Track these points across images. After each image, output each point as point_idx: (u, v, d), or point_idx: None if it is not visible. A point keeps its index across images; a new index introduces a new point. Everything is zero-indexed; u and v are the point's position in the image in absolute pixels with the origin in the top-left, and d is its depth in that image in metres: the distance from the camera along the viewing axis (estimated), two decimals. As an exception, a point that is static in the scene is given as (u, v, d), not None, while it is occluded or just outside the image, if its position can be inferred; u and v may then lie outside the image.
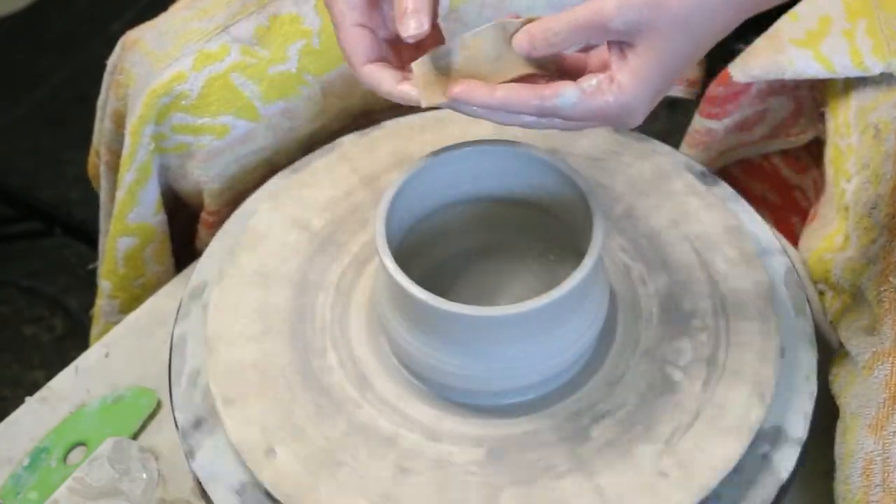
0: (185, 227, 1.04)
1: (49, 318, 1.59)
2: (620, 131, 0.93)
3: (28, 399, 0.91)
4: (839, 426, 0.80)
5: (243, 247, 0.88)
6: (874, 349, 0.79)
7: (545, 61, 0.71)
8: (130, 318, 0.96)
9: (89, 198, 1.15)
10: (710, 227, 0.88)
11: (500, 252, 0.88)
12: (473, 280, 0.87)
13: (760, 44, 0.96)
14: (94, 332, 1.08)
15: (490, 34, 0.70)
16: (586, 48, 0.72)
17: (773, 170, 1.12)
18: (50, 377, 0.93)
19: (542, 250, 0.87)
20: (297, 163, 0.94)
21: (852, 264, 0.87)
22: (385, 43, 0.74)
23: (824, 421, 0.82)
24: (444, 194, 0.83)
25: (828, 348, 0.88)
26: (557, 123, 0.70)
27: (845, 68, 0.92)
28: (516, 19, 0.71)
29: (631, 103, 0.68)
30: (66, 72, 1.85)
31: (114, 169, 1.02)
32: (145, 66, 0.94)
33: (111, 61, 0.99)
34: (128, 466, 0.85)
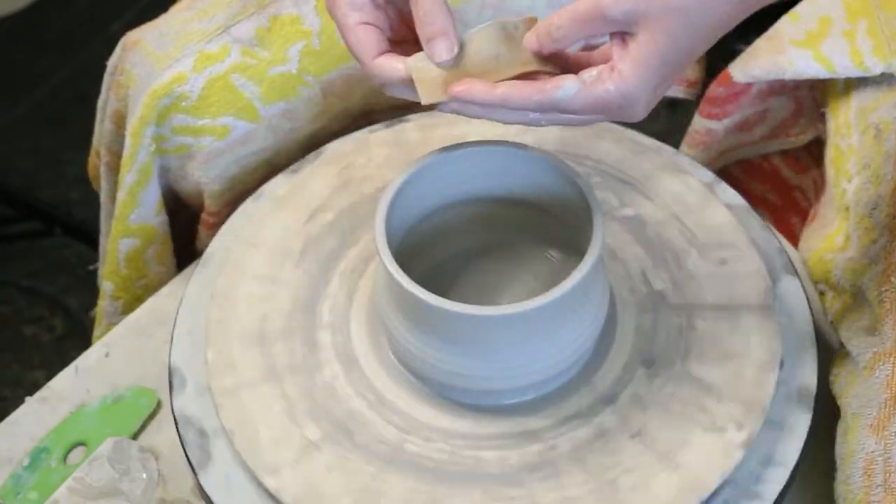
0: (186, 228, 1.04)
1: (49, 318, 1.59)
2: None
3: (28, 399, 0.91)
4: (840, 426, 0.80)
5: (243, 247, 0.88)
6: (875, 349, 0.79)
7: (549, 61, 0.71)
8: (131, 318, 0.96)
9: (89, 198, 1.15)
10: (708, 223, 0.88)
11: (500, 252, 0.88)
12: (473, 280, 0.87)
13: (761, 44, 0.96)
14: (96, 333, 1.07)
15: (489, 33, 0.70)
16: (587, 47, 0.72)
17: (773, 170, 1.12)
18: (50, 377, 0.92)
19: (543, 250, 0.87)
20: (295, 164, 0.94)
21: (853, 265, 0.87)
22: (390, 43, 0.74)
23: (824, 421, 0.82)
24: (444, 194, 0.83)
25: (828, 348, 0.88)
26: (560, 118, 0.70)
27: (846, 69, 0.92)
28: (515, 18, 0.71)
29: (632, 92, 0.68)
30: (66, 72, 1.85)
31: (114, 170, 1.02)
32: (146, 67, 0.94)
33: (111, 62, 0.99)
34: (128, 466, 0.85)
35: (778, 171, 1.12)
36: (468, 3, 0.97)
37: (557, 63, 0.72)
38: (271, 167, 0.98)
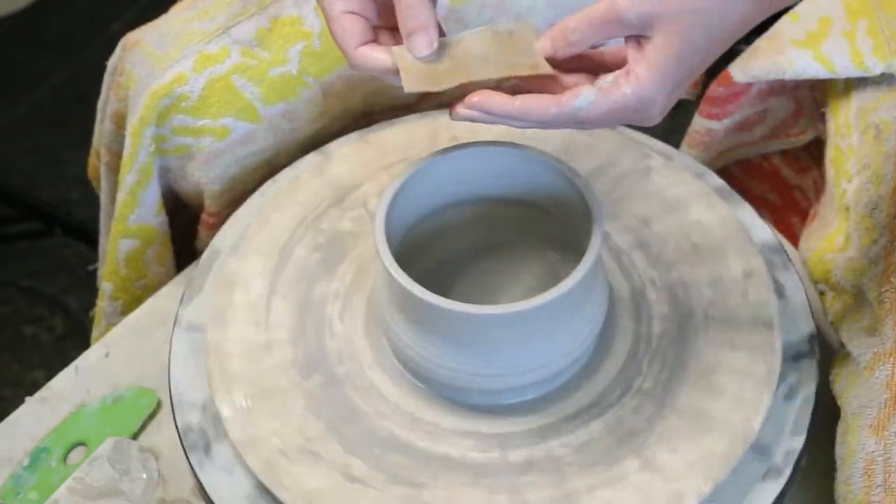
0: (186, 228, 1.04)
1: (49, 318, 1.59)
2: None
3: (28, 399, 0.91)
4: (840, 426, 0.80)
5: (242, 247, 0.88)
6: (875, 350, 0.79)
7: (543, 65, 0.71)
8: (130, 318, 0.96)
9: (89, 198, 1.15)
10: (709, 224, 0.88)
11: (500, 252, 0.88)
12: (473, 280, 0.87)
13: (761, 44, 0.96)
14: (95, 333, 1.07)
15: (481, 35, 0.71)
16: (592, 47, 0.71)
17: (773, 170, 1.12)
18: (50, 377, 0.92)
19: (542, 250, 0.87)
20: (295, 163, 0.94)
21: (853, 265, 0.87)
22: (376, 31, 0.73)
23: (824, 421, 0.82)
24: (444, 194, 0.83)
25: (828, 348, 0.88)
26: (571, 125, 0.70)
27: (846, 69, 0.92)
28: (508, 23, 0.71)
29: (648, 95, 0.67)
30: (66, 72, 1.85)
31: (114, 170, 1.02)
32: (146, 67, 0.94)
33: (111, 62, 0.99)
34: (128, 466, 0.85)
35: (778, 171, 1.12)
36: (468, 3, 0.97)
37: (561, 64, 0.72)
38: (271, 168, 0.98)
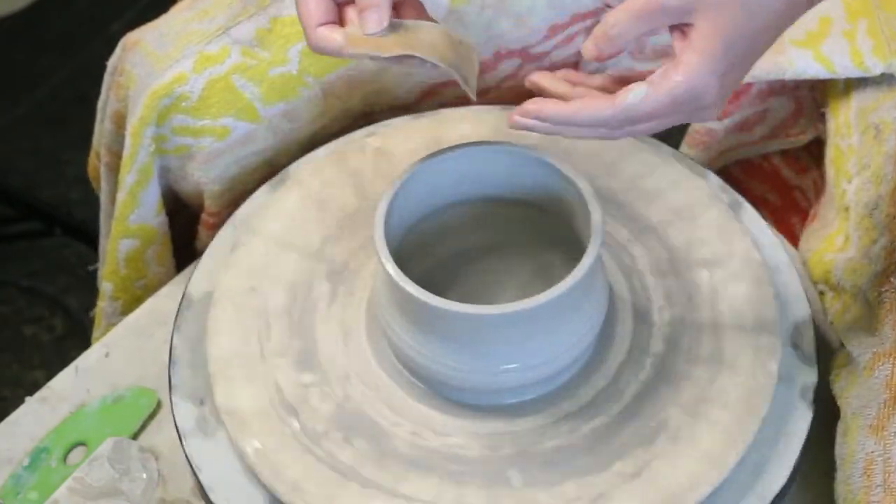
0: (186, 228, 1.04)
1: (49, 318, 1.59)
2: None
3: (28, 399, 0.91)
4: (840, 426, 0.80)
5: (242, 248, 0.88)
6: (875, 350, 0.79)
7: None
8: (130, 318, 0.96)
9: (89, 198, 1.15)
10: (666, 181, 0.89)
11: (499, 251, 0.88)
12: (473, 280, 0.87)
13: (761, 44, 0.96)
14: (95, 333, 1.07)
15: (435, 29, 0.74)
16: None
17: (773, 170, 1.12)
18: (50, 377, 0.92)
19: (542, 250, 0.87)
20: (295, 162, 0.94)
21: (853, 265, 0.87)
22: (344, 8, 0.74)
23: (824, 421, 0.82)
24: (444, 194, 0.84)
25: (828, 348, 0.88)
26: (632, 130, 0.69)
27: (846, 69, 0.92)
28: (461, 37, 0.74)
29: (700, 81, 0.67)
30: (66, 72, 1.85)
31: (114, 170, 1.02)
32: (146, 68, 0.94)
33: (111, 62, 0.99)
34: (128, 466, 0.85)
35: (778, 171, 1.11)
36: (469, 4, 0.97)
37: (609, 86, 0.72)
38: (271, 168, 0.98)
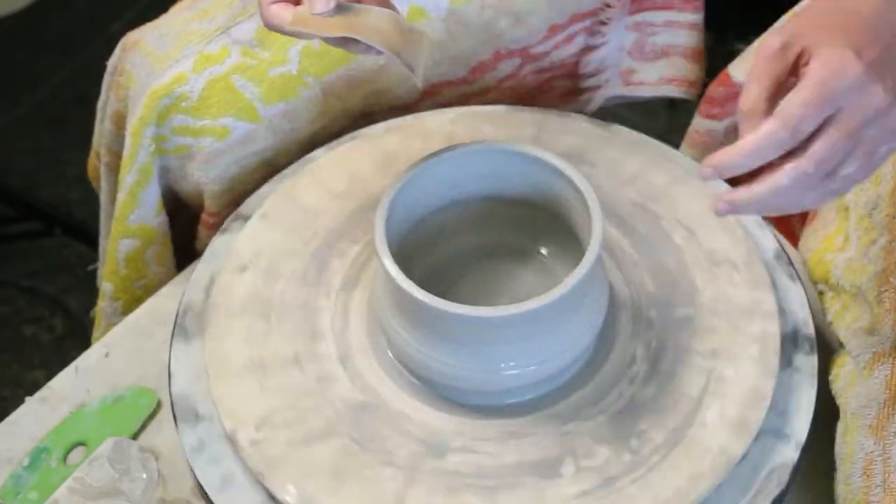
0: (186, 228, 1.04)
1: (49, 318, 1.59)
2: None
3: (28, 399, 0.91)
4: (839, 426, 0.80)
5: (241, 247, 0.88)
6: (874, 350, 0.79)
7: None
8: (130, 318, 0.96)
9: (89, 198, 1.15)
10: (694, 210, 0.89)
11: (500, 252, 0.88)
12: (473, 280, 0.87)
13: (761, 44, 0.96)
14: (95, 334, 1.07)
15: (384, 14, 0.75)
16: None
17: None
18: (50, 377, 0.92)
19: (542, 250, 0.87)
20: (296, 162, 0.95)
21: (852, 265, 0.87)
22: None
23: (824, 421, 0.82)
24: (444, 194, 0.84)
25: (828, 348, 0.88)
26: (818, 156, 0.67)
27: (846, 68, 0.92)
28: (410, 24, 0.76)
29: (833, 57, 0.66)
30: (66, 72, 1.85)
31: (114, 170, 1.02)
32: (146, 68, 0.94)
33: (111, 62, 0.99)
34: (128, 466, 0.85)
35: (778, 171, 1.11)
36: (469, 4, 0.97)
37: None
38: (271, 167, 0.98)
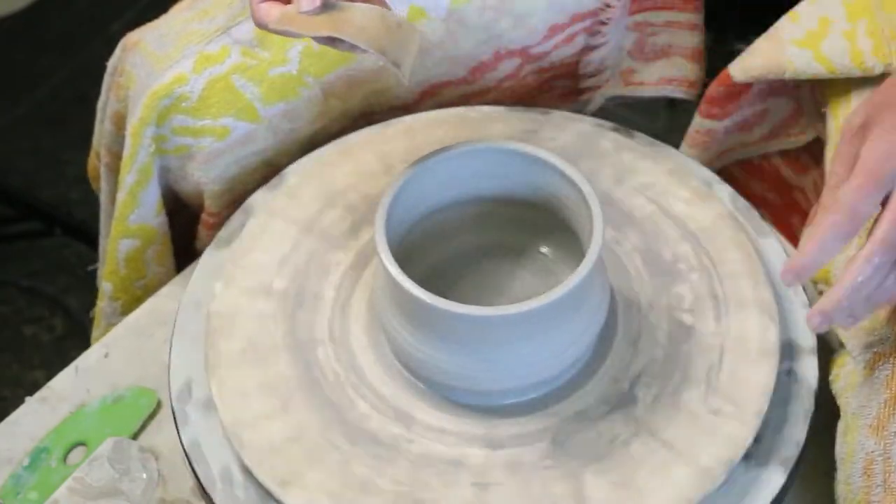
0: (186, 228, 1.04)
1: (49, 318, 1.59)
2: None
3: (28, 399, 0.91)
4: (840, 426, 0.80)
5: (240, 248, 0.88)
6: (875, 349, 0.79)
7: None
8: (130, 318, 0.96)
9: (89, 198, 1.15)
10: (654, 175, 0.90)
11: (500, 252, 0.88)
12: (473, 280, 0.87)
13: (760, 44, 0.96)
14: (94, 334, 1.07)
15: (370, 12, 0.75)
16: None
17: (773, 170, 1.12)
18: (50, 377, 0.93)
19: (542, 250, 0.87)
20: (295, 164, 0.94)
21: (853, 265, 0.87)
22: None
23: (824, 421, 0.82)
24: (444, 194, 0.84)
25: (828, 348, 0.88)
26: (874, 244, 0.69)
27: (846, 69, 0.92)
28: (399, 16, 0.76)
29: (884, 139, 0.69)
30: (66, 72, 1.85)
31: (114, 170, 1.02)
32: (146, 68, 0.94)
33: (111, 63, 0.99)
34: (128, 466, 0.85)
35: (778, 171, 1.11)
36: (469, 4, 0.97)
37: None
38: (271, 168, 0.98)
